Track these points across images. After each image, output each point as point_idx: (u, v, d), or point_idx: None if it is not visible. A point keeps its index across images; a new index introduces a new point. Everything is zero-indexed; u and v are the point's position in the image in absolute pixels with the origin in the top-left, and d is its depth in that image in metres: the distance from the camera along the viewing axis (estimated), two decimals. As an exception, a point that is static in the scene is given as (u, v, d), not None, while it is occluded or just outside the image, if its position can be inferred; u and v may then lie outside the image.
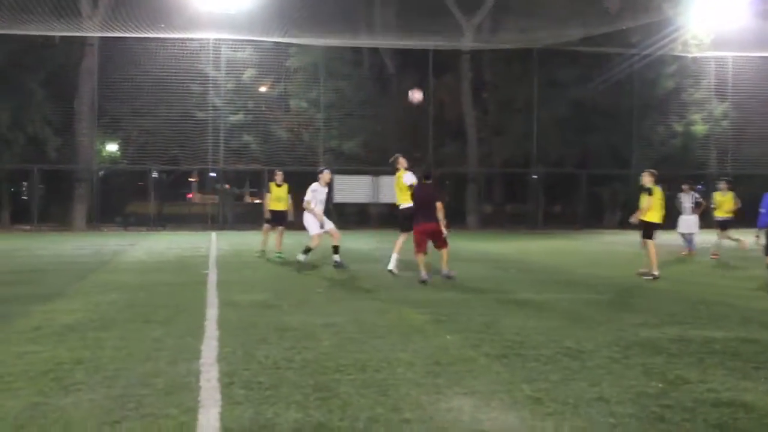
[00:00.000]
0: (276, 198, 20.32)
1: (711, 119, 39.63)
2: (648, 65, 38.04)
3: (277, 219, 20.40)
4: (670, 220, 22.78)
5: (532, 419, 5.87)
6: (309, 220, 17.26)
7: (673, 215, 22.96)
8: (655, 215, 16.22)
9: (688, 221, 22.55)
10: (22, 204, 38.74)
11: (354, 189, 36.01)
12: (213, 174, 37.59)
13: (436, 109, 38.84)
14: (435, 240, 15.10)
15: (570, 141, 38.66)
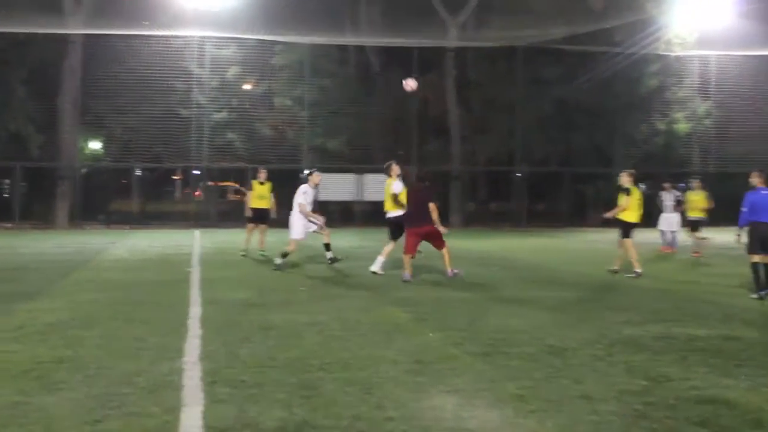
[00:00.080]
0: (258, 196, 20.23)
1: (694, 118, 39.76)
2: (631, 64, 38.10)
3: (260, 217, 20.30)
4: (653, 218, 22.97)
5: (516, 417, 5.89)
6: (295, 222, 16.78)
7: (655, 213, 23.11)
8: (632, 215, 16.24)
9: (669, 219, 22.67)
10: (4, 202, 38.41)
11: (338, 187, 35.95)
12: (197, 172, 37.46)
13: (420, 107, 38.81)
14: (432, 241, 15.13)
15: (554, 139, 38.72)
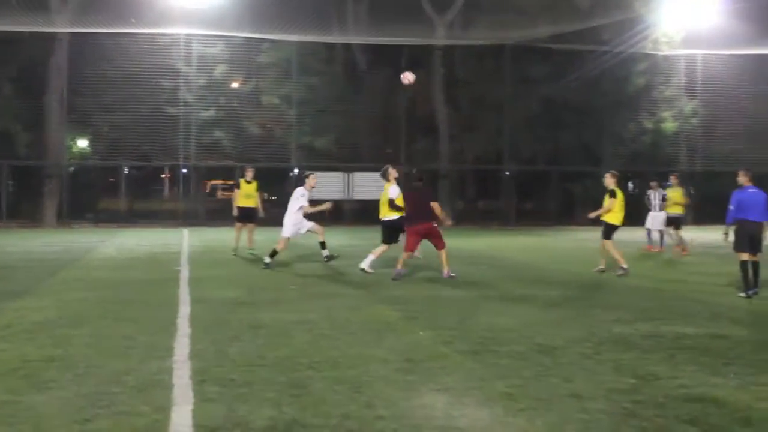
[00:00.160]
0: (245, 195, 20.13)
1: (681, 116, 39.90)
2: (619, 63, 38.21)
3: (246, 216, 20.21)
4: (641, 217, 23.02)
5: (505, 415, 5.90)
6: (288, 222, 16.84)
7: (644, 212, 23.14)
8: (615, 217, 16.25)
9: (657, 218, 22.70)
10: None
11: (326, 185, 35.90)
12: (184, 170, 37.37)
13: (408, 106, 38.80)
14: (432, 240, 15.23)
15: (542, 138, 38.82)
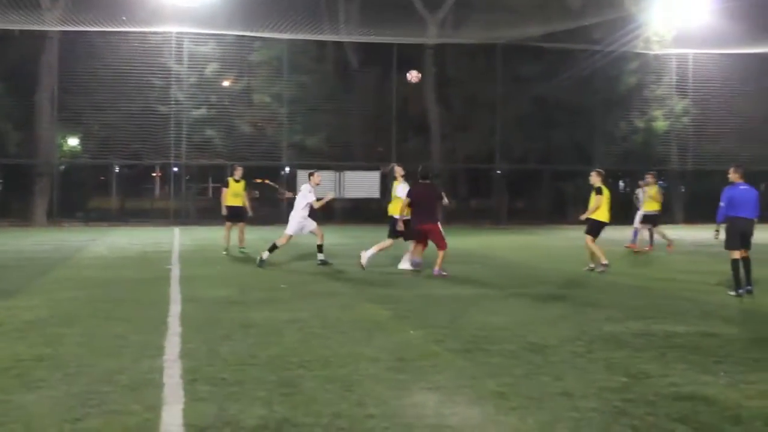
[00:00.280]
0: (233, 193, 20.06)
1: (672, 115, 39.98)
2: (610, 62, 38.27)
3: (235, 215, 20.15)
4: (631, 216, 23.01)
5: (497, 414, 5.90)
6: (294, 219, 16.91)
7: (634, 210, 23.11)
8: (602, 214, 16.30)
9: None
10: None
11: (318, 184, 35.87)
12: (175, 169, 37.31)
13: (399, 105, 38.78)
14: (433, 239, 15.48)
15: (533, 137, 38.84)
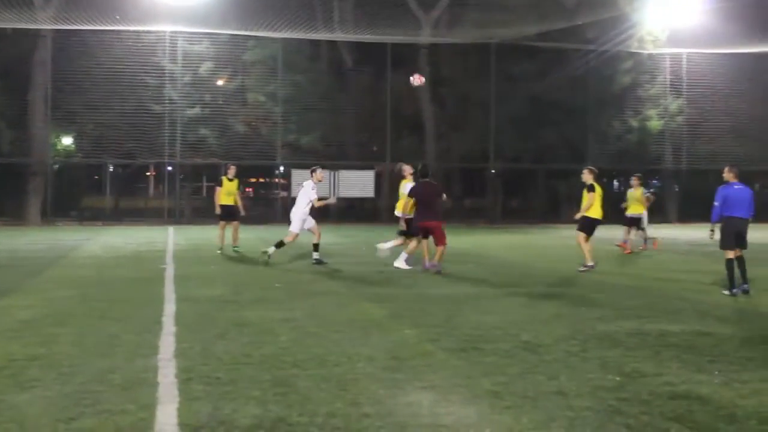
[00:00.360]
0: (226, 192, 20.05)
1: (666, 115, 40.05)
2: (604, 61, 38.35)
3: (229, 214, 20.13)
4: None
5: (491, 413, 5.90)
6: (296, 217, 16.99)
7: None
8: (596, 211, 16.33)
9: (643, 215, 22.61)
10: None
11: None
12: (169, 168, 37.27)
13: (393, 104, 38.76)
14: (435, 236, 15.87)
15: (527, 136, 38.84)
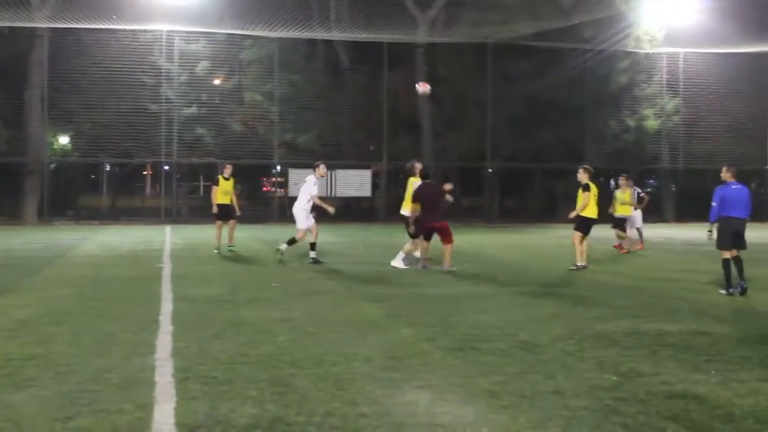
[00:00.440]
0: (223, 192, 20.03)
1: (663, 114, 40.07)
2: (601, 61, 38.36)
3: (224, 213, 20.11)
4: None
5: (488, 412, 5.90)
6: (299, 213, 17.00)
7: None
8: (591, 211, 16.33)
9: (632, 216, 22.58)
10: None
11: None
12: (166, 167, 37.25)
13: (390, 103, 38.75)
14: (441, 235, 16.10)
15: (524, 135, 38.79)
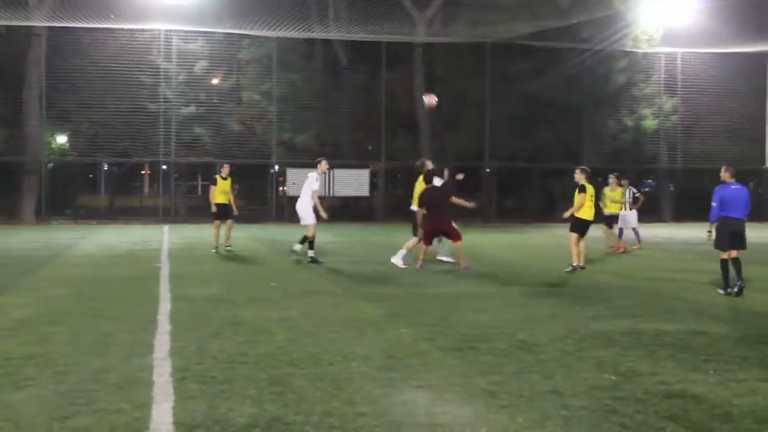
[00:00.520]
0: (221, 191, 20.04)
1: (661, 114, 40.08)
2: (599, 60, 38.39)
3: (222, 212, 20.13)
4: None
5: (487, 412, 5.90)
6: (305, 209, 17.07)
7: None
8: (586, 212, 16.28)
9: (627, 216, 22.60)
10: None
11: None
12: (164, 166, 37.23)
13: (388, 102, 38.75)
14: (449, 235, 16.37)
15: (522, 135, 38.79)
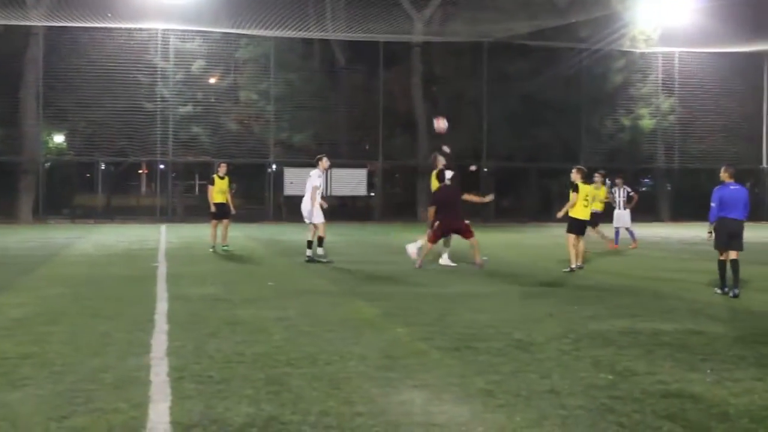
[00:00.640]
0: (219, 190, 20.04)
1: (658, 113, 40.10)
2: (597, 60, 38.43)
3: (220, 212, 20.14)
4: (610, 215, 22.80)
5: (484, 411, 5.90)
6: (310, 208, 17.03)
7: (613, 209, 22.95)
8: (579, 212, 16.27)
9: (621, 216, 22.61)
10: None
11: (304, 182, 35.73)
12: (162, 166, 37.22)
13: (386, 102, 38.76)
14: (463, 233, 16.39)
15: (520, 135, 38.81)
